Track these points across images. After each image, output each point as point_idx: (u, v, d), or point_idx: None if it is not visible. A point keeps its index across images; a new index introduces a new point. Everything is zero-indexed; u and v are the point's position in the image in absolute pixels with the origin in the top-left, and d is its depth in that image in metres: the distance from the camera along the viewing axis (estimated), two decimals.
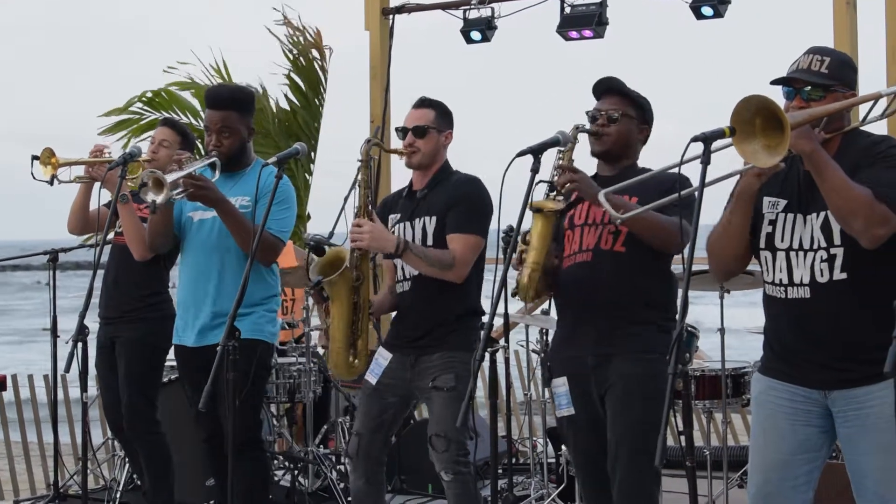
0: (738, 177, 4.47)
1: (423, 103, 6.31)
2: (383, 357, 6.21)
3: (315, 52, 11.69)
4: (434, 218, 6.16)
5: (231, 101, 6.50)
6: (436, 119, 6.26)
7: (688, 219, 5.33)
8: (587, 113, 5.61)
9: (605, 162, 5.64)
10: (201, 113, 11.82)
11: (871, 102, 4.45)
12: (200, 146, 11.32)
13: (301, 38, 11.64)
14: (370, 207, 6.11)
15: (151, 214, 6.36)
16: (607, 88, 5.65)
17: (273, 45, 11.80)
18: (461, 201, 6.13)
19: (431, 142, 6.23)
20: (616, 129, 5.55)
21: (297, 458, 8.42)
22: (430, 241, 6.13)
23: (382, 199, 6.40)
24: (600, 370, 5.45)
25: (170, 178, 6.10)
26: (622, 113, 5.57)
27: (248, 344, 5.98)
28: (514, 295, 5.36)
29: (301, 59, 11.64)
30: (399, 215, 6.30)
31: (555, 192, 5.44)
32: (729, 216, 4.54)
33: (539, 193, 5.41)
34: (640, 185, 5.17)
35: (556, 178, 5.44)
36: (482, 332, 5.04)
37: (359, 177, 6.11)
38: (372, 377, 6.20)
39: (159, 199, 6.09)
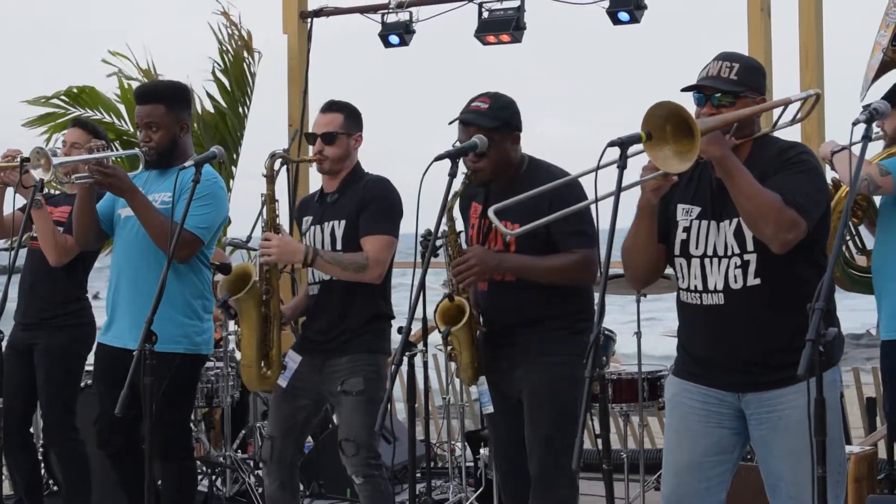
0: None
1: (331, 107, 6.26)
2: (293, 360, 6.18)
3: (246, 55, 11.58)
4: (343, 221, 6.13)
5: (157, 94, 6.39)
6: (344, 123, 6.22)
7: (589, 245, 5.41)
8: (453, 145, 5.49)
9: (493, 182, 5.63)
10: (124, 113, 11.70)
11: (782, 108, 4.52)
12: (118, 146, 11.25)
13: (236, 38, 11.50)
14: (278, 221, 6.08)
15: (38, 193, 6.24)
16: (464, 124, 5.56)
17: (200, 42, 11.68)
18: (371, 203, 6.11)
19: (341, 147, 6.18)
20: (487, 162, 5.49)
21: (215, 462, 8.38)
22: (338, 245, 6.10)
23: (301, 199, 6.37)
24: (511, 373, 5.55)
25: (59, 159, 6.05)
26: (488, 141, 5.46)
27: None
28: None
29: (230, 60, 11.53)
30: (311, 218, 6.27)
31: (456, 293, 5.54)
32: (634, 230, 4.59)
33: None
34: (530, 207, 5.07)
35: (451, 281, 5.50)
36: (400, 337, 5.06)
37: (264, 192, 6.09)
38: (282, 380, 6.15)
39: (47, 176, 6.05)
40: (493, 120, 5.51)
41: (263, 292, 6.02)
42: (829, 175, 6.07)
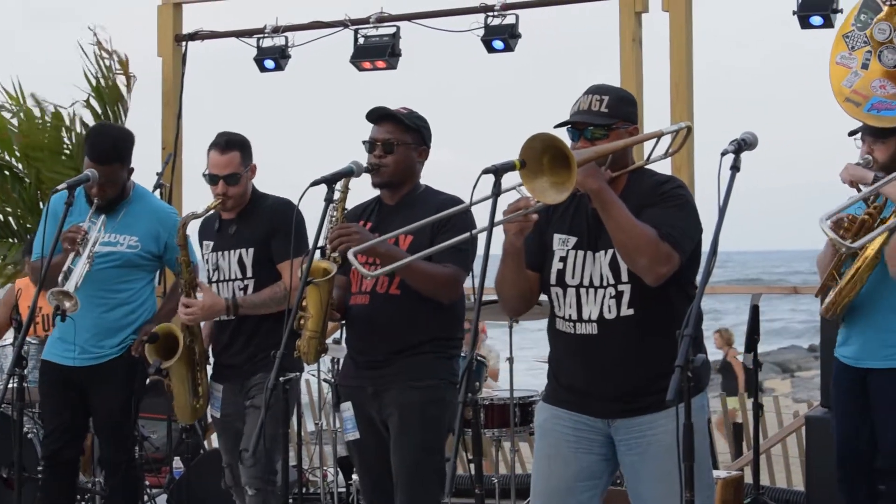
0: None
1: (228, 145, 6.29)
2: (217, 390, 6.43)
3: (122, 79, 11.41)
4: (252, 249, 6.28)
5: (116, 154, 6.54)
6: (242, 160, 6.30)
7: (462, 266, 5.45)
8: (364, 142, 5.62)
9: (388, 190, 5.68)
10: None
11: (654, 140, 4.60)
12: None
13: (108, 63, 11.33)
14: (196, 281, 6.32)
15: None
16: (380, 116, 5.65)
17: (76, 65, 11.46)
18: (280, 228, 6.19)
19: (242, 185, 6.30)
20: (393, 159, 5.55)
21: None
22: (249, 272, 6.27)
23: (203, 220, 6.48)
24: (379, 398, 5.54)
25: (70, 285, 6.18)
26: (398, 140, 5.58)
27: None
28: (296, 356, 5.50)
29: (104, 84, 11.36)
30: (212, 243, 6.40)
31: (330, 253, 5.50)
32: (502, 271, 4.63)
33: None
34: (420, 226, 5.17)
35: (328, 237, 5.49)
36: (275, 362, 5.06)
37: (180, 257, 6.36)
38: (215, 411, 6.44)
39: (69, 304, 6.16)
40: (409, 121, 5.61)
41: (188, 342, 6.36)
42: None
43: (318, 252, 5.43)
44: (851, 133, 6.23)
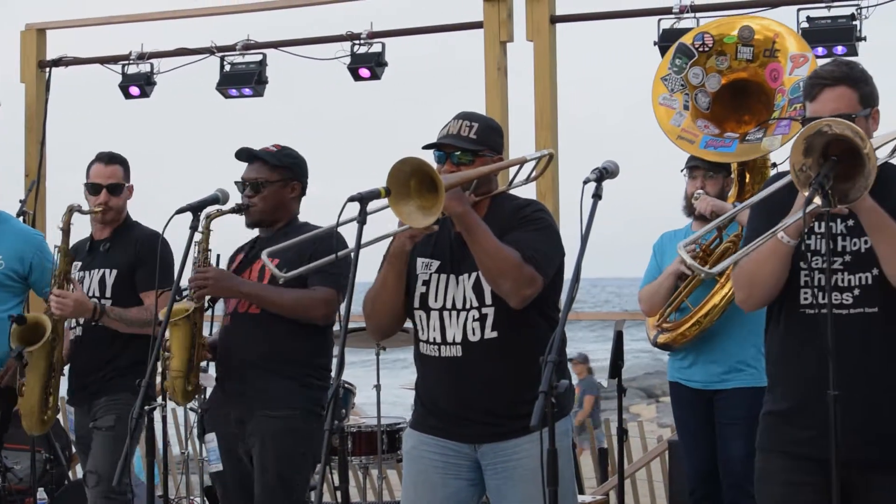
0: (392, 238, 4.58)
1: (112, 159, 6.37)
2: (71, 413, 6.42)
3: None
4: (115, 271, 6.27)
5: None
6: (124, 174, 6.38)
7: (335, 286, 5.47)
8: (236, 182, 5.66)
9: (262, 227, 5.71)
10: None
11: (518, 166, 4.66)
12: None
13: None
14: (71, 275, 6.25)
15: None
16: (249, 157, 5.71)
17: None
18: (148, 259, 6.15)
19: (123, 198, 6.35)
20: (261, 198, 5.61)
21: None
22: (108, 293, 6.25)
23: (74, 244, 6.41)
24: (242, 428, 5.57)
25: None
26: (265, 180, 5.61)
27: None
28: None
29: None
30: (80, 263, 6.36)
31: (191, 294, 5.55)
32: (384, 276, 4.64)
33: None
34: (294, 255, 5.22)
35: (190, 279, 5.53)
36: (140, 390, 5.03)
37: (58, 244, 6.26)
38: (72, 434, 6.46)
39: None
40: (275, 160, 5.65)
41: (51, 340, 6.21)
42: None
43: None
44: (683, 169, 6.45)
